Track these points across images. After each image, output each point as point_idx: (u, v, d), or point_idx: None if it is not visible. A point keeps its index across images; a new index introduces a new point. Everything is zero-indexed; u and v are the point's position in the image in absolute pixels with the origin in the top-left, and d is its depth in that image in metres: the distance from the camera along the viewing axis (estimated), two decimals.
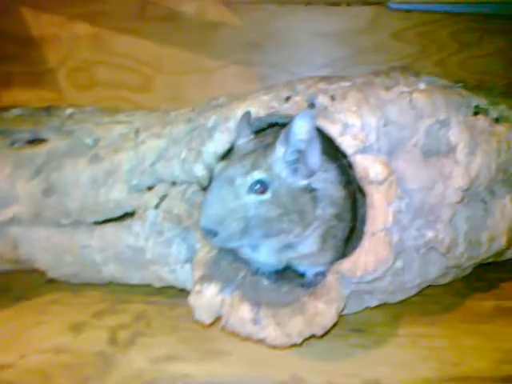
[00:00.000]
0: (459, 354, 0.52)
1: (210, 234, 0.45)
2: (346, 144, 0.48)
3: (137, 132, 0.57)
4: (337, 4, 1.01)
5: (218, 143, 0.53)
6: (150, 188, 0.57)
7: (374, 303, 0.56)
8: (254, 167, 0.47)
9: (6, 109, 0.65)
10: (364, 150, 0.48)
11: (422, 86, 0.54)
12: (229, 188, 0.46)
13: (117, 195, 0.55)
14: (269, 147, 0.49)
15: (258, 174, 0.46)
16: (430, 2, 0.99)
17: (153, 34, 1.03)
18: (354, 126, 0.48)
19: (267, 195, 0.46)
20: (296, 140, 0.47)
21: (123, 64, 1.04)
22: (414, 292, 0.58)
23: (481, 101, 0.61)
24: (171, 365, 0.50)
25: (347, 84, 0.54)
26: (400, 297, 0.57)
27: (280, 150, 0.47)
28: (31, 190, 0.57)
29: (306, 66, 1.04)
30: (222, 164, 0.49)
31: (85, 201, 0.55)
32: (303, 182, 0.48)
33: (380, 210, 0.48)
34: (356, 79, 0.56)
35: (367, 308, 0.57)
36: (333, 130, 0.48)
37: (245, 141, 0.51)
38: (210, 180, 0.54)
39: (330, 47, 1.03)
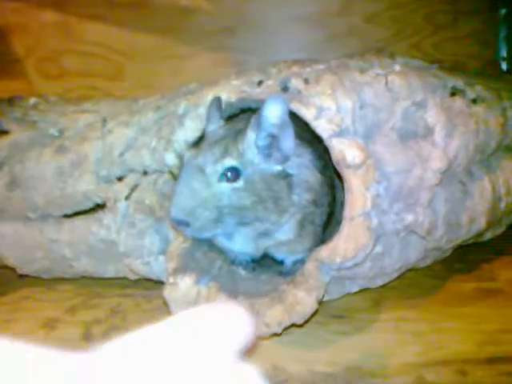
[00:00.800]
0: (442, 338, 0.52)
1: (182, 224, 0.44)
2: (322, 128, 0.47)
3: (104, 121, 0.55)
4: None
5: (189, 131, 0.51)
6: (119, 178, 0.55)
7: (355, 289, 0.55)
8: (224, 154, 0.45)
9: None
10: (340, 134, 0.47)
11: (397, 68, 0.53)
12: (199, 177, 0.44)
13: (85, 187, 0.53)
14: (240, 133, 0.47)
15: (228, 161, 0.44)
16: None
17: (123, 20, 1.00)
18: (329, 109, 0.47)
19: (240, 182, 0.45)
20: (268, 124, 0.45)
21: (93, 52, 1.02)
22: (394, 276, 0.57)
23: (457, 82, 0.60)
24: None
25: (321, 67, 0.53)
26: (380, 282, 0.56)
27: (251, 135, 0.46)
28: None
29: (280, 51, 1.02)
30: (191, 152, 0.47)
31: (51, 194, 0.52)
32: (277, 168, 0.46)
33: (358, 195, 0.47)
34: (330, 62, 0.54)
35: (348, 294, 0.56)
36: (307, 114, 0.47)
37: (215, 127, 0.49)
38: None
39: (304, 31, 1.02)
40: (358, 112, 0.49)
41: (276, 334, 0.46)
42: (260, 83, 0.50)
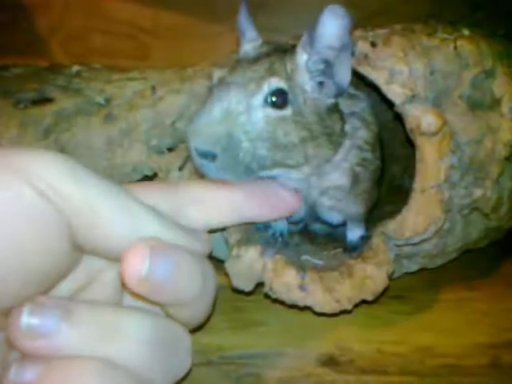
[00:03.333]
0: (508, 318, 0.49)
1: (206, 156, 0.34)
2: (394, 93, 0.44)
3: (153, 88, 0.52)
4: None
5: None
6: (170, 149, 0.52)
7: (414, 268, 0.53)
8: (270, 72, 0.36)
9: (5, 67, 0.60)
10: (412, 100, 0.44)
11: (466, 32, 0.50)
12: (236, 96, 0.34)
13: (135, 157, 0.50)
14: (287, 52, 0.38)
15: (276, 82, 0.35)
16: None
17: None
18: (401, 72, 0.44)
19: (288, 110, 0.36)
20: (323, 46, 0.36)
21: (118, 31, 0.99)
22: (453, 256, 0.54)
23: None
24: (204, 336, 0.46)
25: (385, 31, 0.50)
26: (440, 261, 0.54)
27: (302, 55, 0.37)
28: None
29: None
30: (221, 72, 0.39)
31: (100, 164, 0.50)
32: (331, 101, 0.39)
33: (432, 165, 0.44)
34: (394, 26, 0.51)
35: (404, 274, 0.53)
36: (379, 78, 0.44)
37: (254, 45, 0.40)
38: None
39: None
40: (428, 77, 0.46)
41: (345, 311, 0.43)
42: None
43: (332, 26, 0.36)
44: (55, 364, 0.27)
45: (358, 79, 0.46)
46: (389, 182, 0.65)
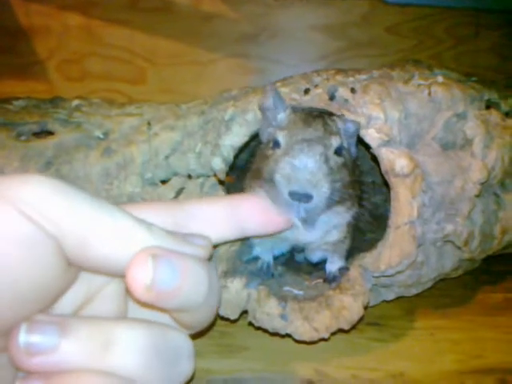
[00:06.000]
0: (478, 347, 0.52)
1: (305, 198, 0.41)
2: (371, 137, 0.48)
3: (149, 124, 0.56)
4: None
5: (236, 136, 0.52)
6: (163, 181, 0.55)
7: (391, 297, 0.56)
8: (329, 132, 0.46)
9: (7, 100, 0.63)
10: (388, 143, 0.48)
11: (440, 78, 0.54)
12: (317, 148, 0.43)
13: (130, 189, 0.53)
14: (326, 115, 0.49)
15: (336, 139, 0.46)
16: None
17: (146, 25, 1.01)
18: (378, 118, 0.48)
19: (342, 158, 0.46)
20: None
21: (115, 56, 1.02)
22: (428, 285, 0.58)
23: (492, 95, 0.61)
24: None
25: (364, 77, 0.54)
26: (415, 290, 0.57)
27: (336, 137, 0.47)
28: None
29: (300, 60, 1.03)
30: (282, 132, 0.46)
31: (98, 194, 0.53)
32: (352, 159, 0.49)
33: (405, 204, 0.47)
34: (372, 72, 0.55)
35: (382, 302, 0.57)
36: None
37: (287, 113, 0.48)
38: (227, 174, 0.52)
39: (325, 41, 1.03)
40: (403, 122, 0.50)
41: (323, 339, 0.46)
42: (307, 91, 0.51)
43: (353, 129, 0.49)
44: (56, 379, 0.28)
45: None
46: (371, 210, 0.69)
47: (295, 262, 0.55)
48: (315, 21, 1.03)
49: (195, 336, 0.39)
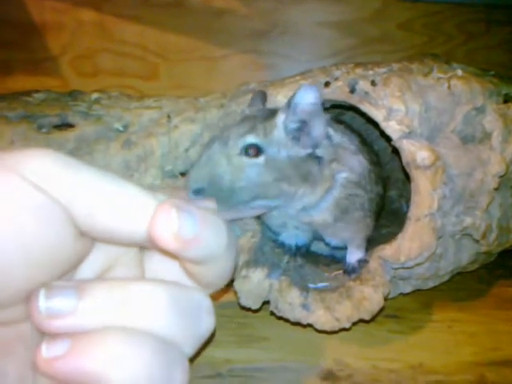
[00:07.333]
0: (495, 339, 0.53)
1: (198, 192, 0.43)
2: (392, 129, 0.48)
3: (169, 117, 0.56)
4: None
5: None
6: (182, 174, 0.56)
7: (408, 289, 0.56)
8: (250, 131, 0.45)
9: (27, 93, 0.63)
10: (409, 136, 0.48)
11: (460, 72, 0.54)
12: (221, 149, 0.44)
13: (150, 181, 0.54)
14: (271, 113, 0.47)
15: (250, 138, 0.45)
16: None
17: (158, 20, 1.01)
18: (398, 110, 0.48)
19: (260, 159, 0.44)
20: (299, 109, 0.45)
21: (128, 51, 1.03)
22: (445, 279, 0.58)
23: (510, 89, 0.62)
24: (213, 350, 0.50)
25: (384, 70, 0.54)
26: (432, 283, 0.57)
27: (281, 115, 0.46)
28: None
29: (312, 56, 1.03)
30: (220, 128, 0.48)
31: None
32: (306, 151, 0.47)
33: (426, 195, 0.48)
34: (391, 65, 0.55)
35: (399, 295, 0.57)
36: (378, 115, 0.48)
37: (254, 109, 0.50)
38: None
39: (336, 37, 1.03)
40: (423, 115, 0.50)
41: (344, 329, 0.47)
42: (327, 84, 0.51)
43: (307, 97, 0.44)
44: (80, 337, 0.28)
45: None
46: (386, 205, 0.69)
47: (314, 254, 0.56)
48: (327, 17, 1.03)
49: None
